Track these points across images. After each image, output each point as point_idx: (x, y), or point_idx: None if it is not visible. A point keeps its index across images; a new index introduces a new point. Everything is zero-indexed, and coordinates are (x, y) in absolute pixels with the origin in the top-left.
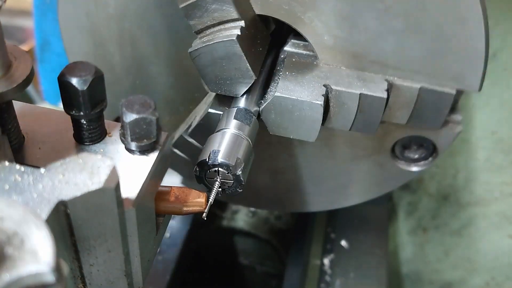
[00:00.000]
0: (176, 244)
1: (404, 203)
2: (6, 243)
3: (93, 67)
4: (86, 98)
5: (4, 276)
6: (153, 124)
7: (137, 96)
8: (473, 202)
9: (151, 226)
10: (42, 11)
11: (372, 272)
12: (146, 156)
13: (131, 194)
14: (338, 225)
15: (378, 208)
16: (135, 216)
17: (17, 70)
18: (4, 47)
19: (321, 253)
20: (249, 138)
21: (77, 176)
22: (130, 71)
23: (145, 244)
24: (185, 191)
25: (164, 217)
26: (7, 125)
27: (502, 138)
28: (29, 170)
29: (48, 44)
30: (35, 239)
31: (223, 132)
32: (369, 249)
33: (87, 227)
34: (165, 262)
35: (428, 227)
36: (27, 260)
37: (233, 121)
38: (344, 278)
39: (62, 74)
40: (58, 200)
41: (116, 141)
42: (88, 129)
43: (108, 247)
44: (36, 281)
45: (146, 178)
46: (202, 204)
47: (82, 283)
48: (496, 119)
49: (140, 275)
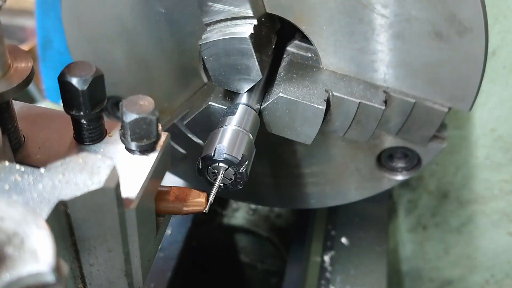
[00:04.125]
0: (177, 241)
1: (404, 201)
2: (6, 243)
3: (93, 67)
4: (86, 98)
5: (4, 276)
6: (153, 124)
7: (137, 96)
8: (472, 200)
9: (151, 226)
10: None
11: (372, 269)
12: (146, 156)
13: (131, 194)
14: (338, 223)
15: (378, 206)
16: (135, 216)
17: (17, 70)
18: (4, 47)
19: (322, 250)
20: (251, 134)
21: (77, 176)
22: (133, 69)
23: (145, 244)
24: (185, 191)
25: (164, 217)
26: (7, 125)
27: (502, 136)
28: (29, 170)
29: (50, 42)
30: (35, 239)
31: (226, 128)
32: (369, 246)
33: (87, 227)
34: (166, 259)
35: (428, 224)
36: (27, 260)
37: (237, 117)
38: (344, 275)
39: (62, 74)
40: (58, 200)
41: (116, 141)
42: (88, 129)
43: (108, 247)
44: (36, 281)
45: (146, 178)
46: (202, 204)
47: (82, 283)
48: (495, 117)
49: (140, 275)
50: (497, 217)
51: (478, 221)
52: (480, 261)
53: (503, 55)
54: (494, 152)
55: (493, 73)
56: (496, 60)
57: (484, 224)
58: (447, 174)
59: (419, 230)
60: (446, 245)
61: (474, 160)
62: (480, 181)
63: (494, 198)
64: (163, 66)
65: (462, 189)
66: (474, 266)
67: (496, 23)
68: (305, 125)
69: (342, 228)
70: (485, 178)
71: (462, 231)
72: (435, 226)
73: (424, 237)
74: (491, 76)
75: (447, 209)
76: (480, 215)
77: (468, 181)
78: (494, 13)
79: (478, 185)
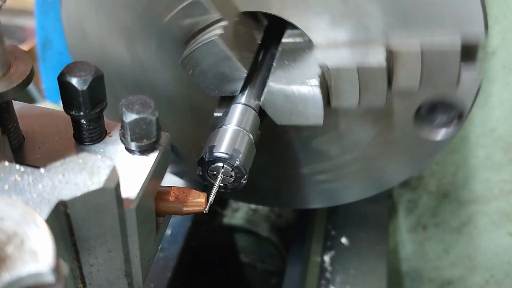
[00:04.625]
0: (177, 241)
1: (404, 201)
2: (6, 243)
3: (93, 67)
4: (86, 98)
5: (4, 276)
6: (153, 124)
7: (137, 96)
8: (472, 200)
9: (151, 226)
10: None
11: (372, 269)
12: (146, 156)
13: (131, 194)
14: (338, 223)
15: (378, 206)
16: (135, 216)
17: (17, 70)
18: (4, 47)
19: (322, 250)
20: (250, 133)
21: (77, 176)
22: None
23: (145, 244)
24: (185, 191)
25: (164, 217)
26: (7, 125)
27: (502, 136)
28: (29, 170)
29: (50, 42)
30: (35, 239)
31: (223, 128)
32: (369, 246)
33: (87, 227)
34: (166, 259)
35: (428, 224)
36: (27, 260)
37: (233, 117)
38: (344, 275)
39: (62, 74)
40: (58, 200)
41: (116, 141)
42: (88, 129)
43: (108, 247)
44: (36, 281)
45: (146, 178)
46: (202, 204)
47: (82, 283)
48: (495, 117)
49: (140, 275)
50: (497, 217)
51: (478, 221)
52: (480, 261)
53: (503, 55)
54: (494, 152)
55: (493, 73)
56: (496, 60)
57: (484, 224)
58: (447, 174)
59: (419, 230)
60: (446, 245)
61: (474, 160)
62: (480, 181)
63: (494, 198)
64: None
65: (462, 189)
66: (474, 266)
67: (496, 23)
68: (308, 106)
69: (342, 228)
70: (485, 178)
71: (462, 231)
72: (435, 226)
73: (424, 237)
74: (491, 76)
75: (447, 209)
76: (480, 215)
77: (468, 181)
78: (494, 13)
79: (478, 185)
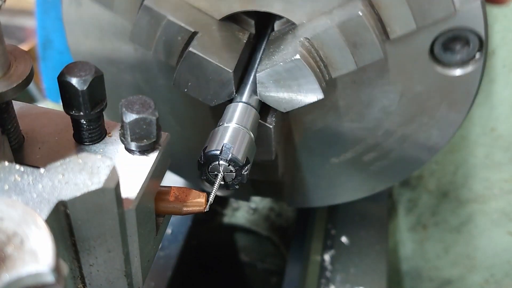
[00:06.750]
0: (177, 240)
1: (404, 200)
2: (6, 243)
3: (93, 67)
4: (86, 98)
5: (3, 276)
6: (153, 124)
7: (137, 96)
8: (472, 199)
9: (151, 226)
10: (44, 9)
11: (372, 268)
12: (146, 156)
13: (131, 194)
14: (338, 222)
15: (378, 205)
16: (135, 216)
17: (17, 70)
18: (4, 47)
19: (322, 249)
20: (251, 131)
21: (77, 176)
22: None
23: (145, 244)
24: (185, 191)
25: (164, 217)
26: (7, 125)
27: (501, 135)
28: (29, 170)
29: (50, 42)
30: (35, 239)
31: (215, 129)
32: (369, 245)
33: (87, 227)
34: (166, 258)
35: (427, 224)
36: (27, 260)
37: (234, 115)
38: (344, 274)
39: (61, 74)
40: (58, 200)
41: (116, 141)
42: (88, 129)
43: (108, 247)
44: (36, 281)
45: (146, 178)
46: (202, 204)
47: (82, 283)
48: (495, 116)
49: (140, 275)
50: (497, 217)
51: (477, 221)
52: (480, 260)
53: (503, 54)
54: (494, 151)
55: (493, 72)
56: (496, 59)
57: (483, 223)
58: (447, 173)
59: (419, 229)
60: (446, 244)
61: (474, 159)
62: (480, 180)
63: (494, 197)
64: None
65: (462, 188)
66: (473, 265)
67: (496, 22)
68: (302, 83)
69: (342, 227)
70: (485, 177)
71: (461, 231)
72: (435, 225)
73: (424, 236)
74: (491, 75)
75: (447, 208)
76: (479, 215)
77: (468, 180)
78: (494, 13)
79: (478, 184)
